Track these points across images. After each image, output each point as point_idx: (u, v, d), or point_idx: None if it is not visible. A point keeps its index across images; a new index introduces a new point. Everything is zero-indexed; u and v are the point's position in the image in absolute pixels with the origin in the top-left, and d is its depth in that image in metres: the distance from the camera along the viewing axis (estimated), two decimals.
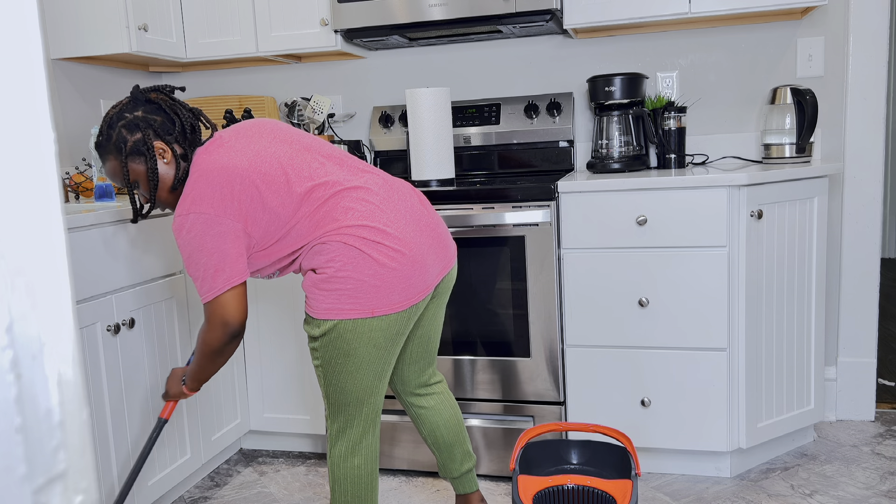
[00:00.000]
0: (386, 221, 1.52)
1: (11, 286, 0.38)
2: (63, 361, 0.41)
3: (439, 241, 1.63)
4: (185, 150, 1.61)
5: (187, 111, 1.64)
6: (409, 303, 1.55)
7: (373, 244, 1.49)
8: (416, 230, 1.57)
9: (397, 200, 1.58)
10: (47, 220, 0.40)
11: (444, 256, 1.65)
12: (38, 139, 0.40)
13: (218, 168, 1.51)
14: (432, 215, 1.66)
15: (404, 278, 1.52)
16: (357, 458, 1.65)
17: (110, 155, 1.59)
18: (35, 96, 0.40)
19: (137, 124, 1.56)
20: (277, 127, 1.64)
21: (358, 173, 1.59)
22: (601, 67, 2.79)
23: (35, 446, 0.39)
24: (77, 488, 0.42)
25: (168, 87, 1.65)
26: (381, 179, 1.60)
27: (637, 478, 1.79)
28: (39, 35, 0.40)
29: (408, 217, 1.57)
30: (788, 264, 2.32)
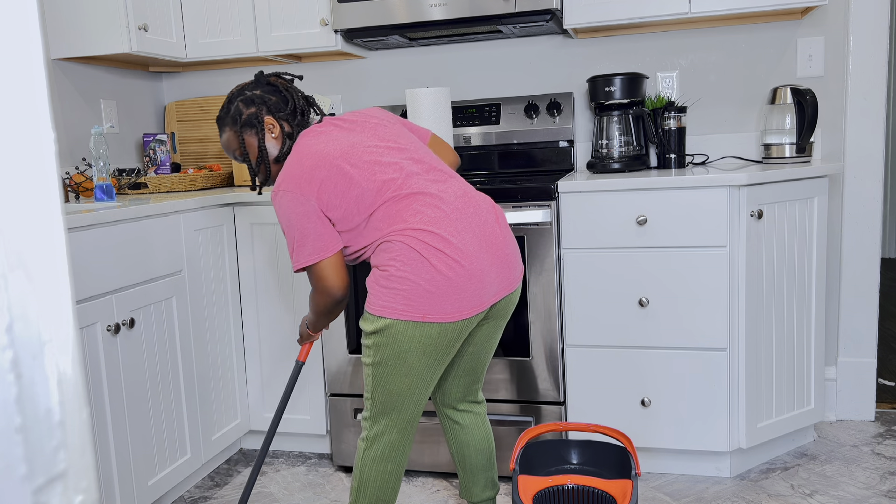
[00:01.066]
0: (451, 231, 1.54)
1: (11, 286, 0.38)
2: (63, 361, 0.41)
3: (504, 261, 1.61)
4: (293, 130, 1.73)
5: (301, 97, 1.76)
6: (461, 315, 1.54)
7: (433, 250, 1.51)
8: (481, 246, 1.56)
9: (470, 214, 1.59)
10: (47, 220, 0.40)
11: (507, 278, 1.62)
12: (38, 139, 0.40)
13: (312, 152, 1.60)
14: (504, 235, 1.64)
15: (458, 289, 1.52)
16: (390, 463, 1.66)
17: (227, 126, 1.74)
18: (35, 96, 0.40)
19: (253, 100, 1.72)
20: (382, 123, 1.70)
21: (440, 180, 1.62)
22: (601, 67, 2.79)
23: (35, 446, 0.39)
24: (77, 488, 0.42)
25: (289, 74, 1.81)
26: (460, 190, 1.62)
27: (637, 478, 1.79)
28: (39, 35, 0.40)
29: (476, 231, 1.57)
30: (788, 264, 2.32)
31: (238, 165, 2.85)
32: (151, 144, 2.85)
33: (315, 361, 2.54)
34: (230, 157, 1.79)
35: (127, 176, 2.80)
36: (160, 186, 2.73)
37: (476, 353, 1.77)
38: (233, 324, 2.57)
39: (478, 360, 1.78)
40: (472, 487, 1.89)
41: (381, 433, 1.64)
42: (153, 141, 2.85)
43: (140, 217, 2.12)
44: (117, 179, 2.77)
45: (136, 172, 2.88)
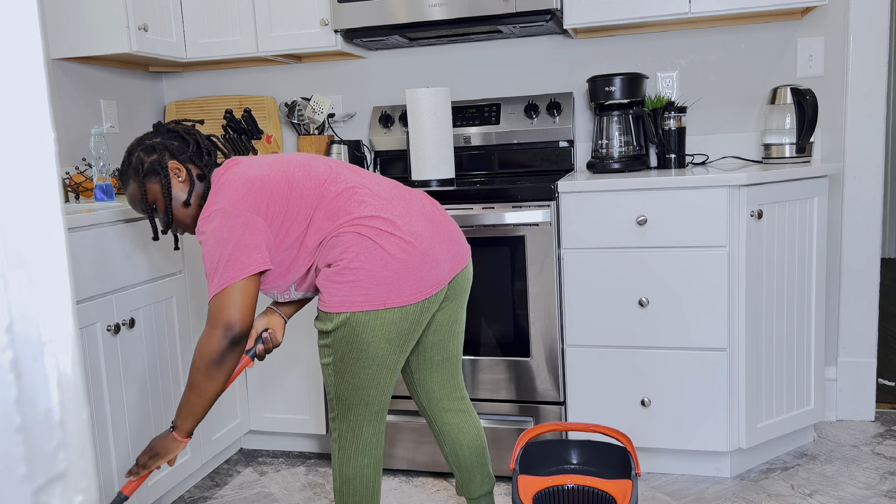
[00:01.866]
0: (397, 214, 1.56)
1: (11, 286, 0.38)
2: (63, 361, 0.41)
3: (450, 238, 1.65)
4: (202, 171, 1.68)
5: (204, 137, 1.72)
6: (421, 296, 1.55)
7: (385, 234, 1.52)
8: (427, 226, 1.60)
9: (408, 200, 1.63)
10: (47, 220, 0.40)
11: (457, 254, 1.66)
12: (38, 139, 0.40)
13: (239, 176, 1.57)
14: (443, 215, 1.69)
15: (415, 270, 1.53)
16: (366, 457, 1.65)
17: (130, 179, 1.67)
18: (35, 96, 0.40)
19: (154, 147, 1.66)
20: (289, 155, 1.72)
21: (371, 177, 1.65)
22: (601, 67, 2.79)
23: (35, 446, 0.39)
24: (77, 488, 0.42)
25: (188, 120, 1.76)
26: (391, 182, 1.67)
27: (637, 478, 1.79)
28: (39, 35, 0.40)
29: (418, 213, 1.60)
30: (788, 264, 2.32)
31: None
32: None
33: (315, 361, 2.53)
34: (137, 210, 1.71)
35: None
36: None
37: (444, 340, 1.76)
38: None
39: (448, 348, 1.77)
40: (468, 485, 1.89)
41: (352, 429, 1.63)
42: None
43: (140, 217, 2.12)
44: (117, 179, 2.77)
45: None
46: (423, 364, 1.78)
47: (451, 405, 1.84)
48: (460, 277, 1.71)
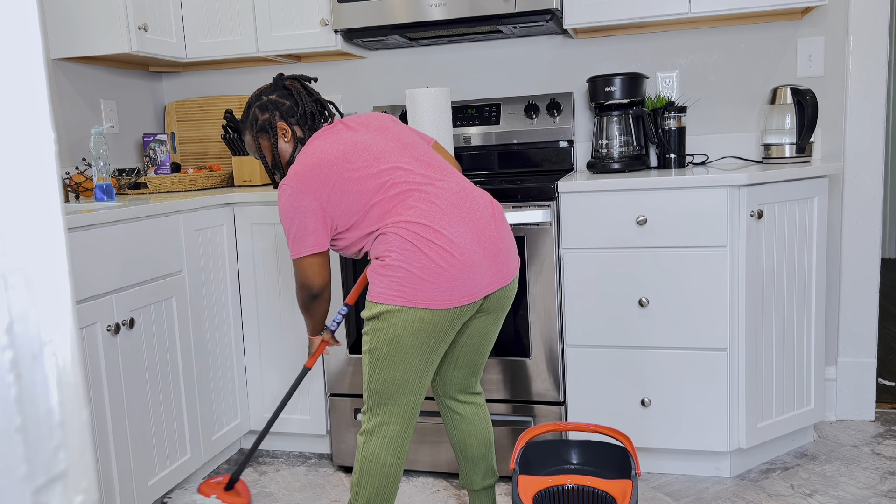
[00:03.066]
0: (444, 224, 1.60)
1: (11, 286, 0.38)
2: (63, 361, 0.41)
3: (497, 254, 1.66)
4: (304, 134, 1.83)
5: (312, 100, 1.84)
6: (452, 303, 1.59)
7: (425, 241, 1.58)
8: (474, 239, 1.62)
9: (465, 209, 1.64)
10: (47, 220, 0.40)
11: (501, 271, 1.67)
12: (38, 139, 0.40)
13: (317, 152, 1.69)
14: (499, 229, 1.69)
15: (451, 278, 1.58)
16: (391, 456, 1.69)
17: (246, 129, 1.86)
18: (35, 96, 0.40)
19: (267, 106, 1.82)
20: (386, 126, 1.76)
21: (438, 177, 1.68)
22: (601, 67, 2.79)
23: (35, 446, 0.39)
24: (77, 488, 0.42)
25: (304, 76, 1.89)
26: (457, 186, 1.68)
27: (637, 478, 1.79)
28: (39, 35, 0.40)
29: (470, 225, 1.62)
30: (788, 264, 2.32)
31: (237, 165, 2.85)
32: (151, 144, 2.85)
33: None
34: (254, 157, 1.90)
35: (127, 176, 2.80)
36: (160, 186, 2.73)
37: (474, 345, 1.80)
38: (233, 324, 2.57)
39: (476, 352, 1.81)
40: (472, 476, 1.92)
41: (380, 425, 1.67)
42: (153, 141, 2.85)
43: (140, 217, 2.12)
44: (117, 179, 2.77)
45: (136, 172, 2.88)
46: (449, 358, 1.83)
47: (466, 398, 1.88)
48: (500, 293, 1.71)
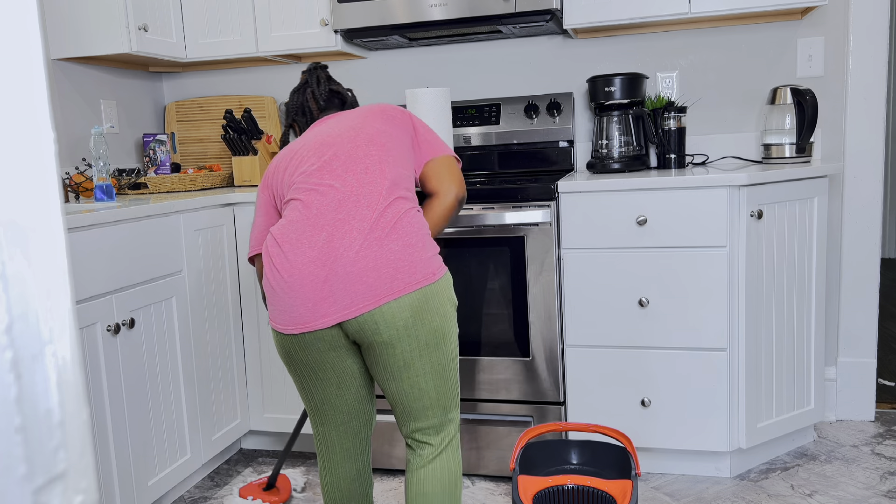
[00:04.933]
0: (294, 240, 1.46)
1: (11, 286, 0.38)
2: (63, 361, 0.41)
3: (345, 282, 1.41)
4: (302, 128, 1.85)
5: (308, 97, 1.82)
6: (287, 329, 1.46)
7: (269, 258, 1.50)
8: (319, 261, 1.42)
9: (329, 222, 1.45)
10: (47, 220, 0.40)
11: (343, 302, 1.41)
12: (38, 139, 0.40)
13: (287, 146, 1.69)
14: (360, 254, 1.41)
15: (279, 302, 1.46)
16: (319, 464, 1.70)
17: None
18: (35, 96, 0.40)
19: (289, 107, 1.86)
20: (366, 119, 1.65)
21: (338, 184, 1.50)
22: (601, 67, 2.79)
23: (35, 446, 0.39)
24: (77, 488, 0.42)
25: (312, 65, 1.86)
26: (345, 195, 1.48)
27: (637, 478, 1.79)
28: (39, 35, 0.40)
29: (323, 245, 1.43)
30: (788, 264, 2.32)
31: (237, 165, 2.85)
32: (151, 144, 2.85)
33: None
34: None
35: (127, 176, 2.80)
36: (160, 186, 2.73)
37: (385, 386, 1.55)
38: (233, 324, 2.57)
39: (398, 394, 1.54)
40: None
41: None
42: (153, 141, 2.85)
43: (140, 217, 2.12)
44: (117, 179, 2.77)
45: (136, 172, 2.88)
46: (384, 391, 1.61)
47: (414, 444, 1.62)
48: (363, 327, 1.44)
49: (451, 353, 1.52)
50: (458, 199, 1.68)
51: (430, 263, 1.47)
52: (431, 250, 1.49)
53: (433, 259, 1.48)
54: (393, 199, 1.49)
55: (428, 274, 1.45)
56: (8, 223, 0.38)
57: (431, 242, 1.51)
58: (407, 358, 1.47)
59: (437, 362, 1.50)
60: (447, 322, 1.49)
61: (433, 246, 1.51)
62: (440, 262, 1.50)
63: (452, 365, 1.54)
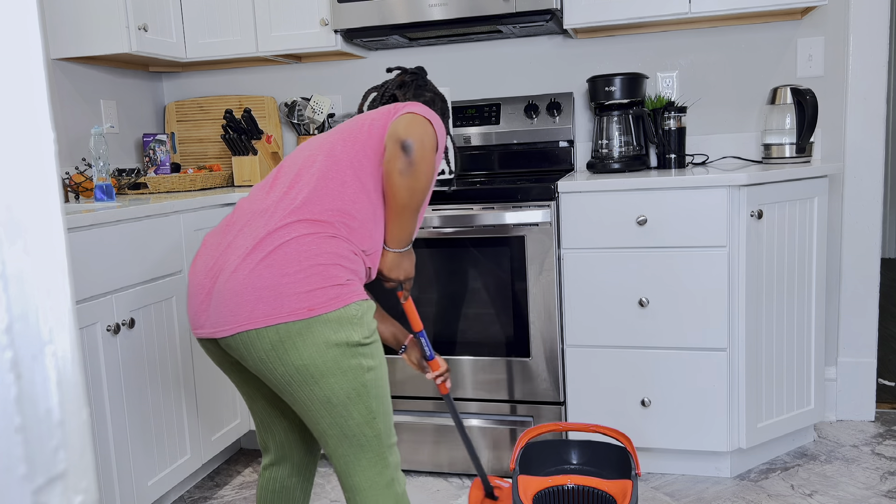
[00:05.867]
0: (205, 244, 1.43)
1: (11, 286, 0.38)
2: (63, 361, 0.41)
3: (217, 299, 1.34)
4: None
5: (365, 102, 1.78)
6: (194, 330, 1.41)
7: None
8: (210, 272, 1.37)
9: (233, 236, 1.39)
10: (47, 220, 0.40)
11: (213, 319, 1.34)
12: (38, 139, 0.40)
13: None
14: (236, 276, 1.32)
15: (188, 304, 1.43)
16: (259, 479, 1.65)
17: None
18: (35, 96, 0.40)
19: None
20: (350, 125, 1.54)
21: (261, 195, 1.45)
22: (601, 67, 2.79)
23: (35, 446, 0.39)
24: (77, 488, 0.42)
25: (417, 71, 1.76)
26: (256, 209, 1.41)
27: (637, 478, 1.79)
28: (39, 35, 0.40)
29: (218, 256, 1.37)
30: (788, 264, 2.32)
31: (237, 165, 2.85)
32: (151, 144, 2.85)
33: None
34: None
35: (127, 176, 2.80)
36: (160, 186, 2.73)
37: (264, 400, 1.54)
38: None
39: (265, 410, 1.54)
40: None
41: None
42: (153, 141, 2.85)
43: (140, 217, 2.12)
44: (117, 179, 2.77)
45: (136, 172, 2.88)
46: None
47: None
48: (233, 351, 1.36)
49: (336, 393, 1.34)
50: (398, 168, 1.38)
51: (305, 299, 1.30)
52: (315, 284, 1.31)
53: (311, 294, 1.30)
54: (292, 221, 1.35)
55: (296, 310, 1.29)
56: (8, 223, 0.38)
57: (320, 275, 1.32)
58: (281, 389, 1.37)
59: (318, 399, 1.35)
60: (320, 362, 1.31)
61: (323, 278, 1.32)
62: (326, 298, 1.31)
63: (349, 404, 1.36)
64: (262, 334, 1.30)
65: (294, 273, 1.31)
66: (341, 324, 1.32)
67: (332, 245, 1.36)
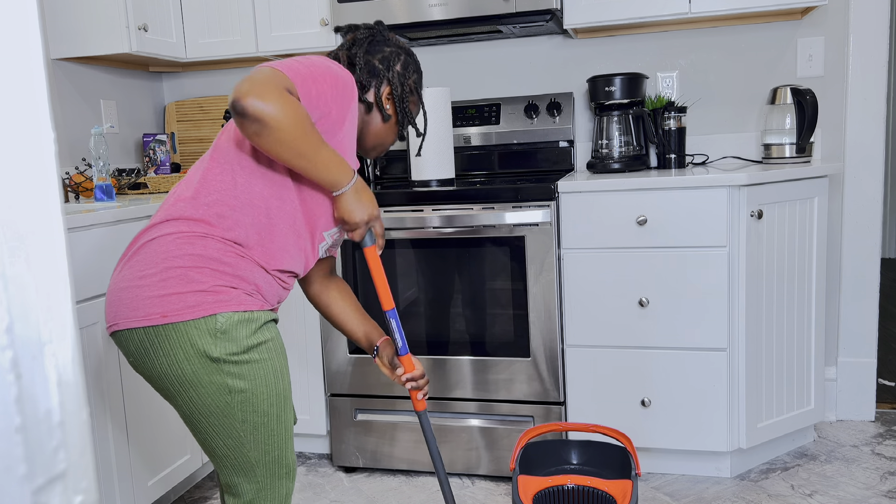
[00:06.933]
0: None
1: (11, 286, 0.38)
2: (63, 361, 0.41)
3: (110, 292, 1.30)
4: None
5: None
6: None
7: None
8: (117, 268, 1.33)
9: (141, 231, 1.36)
10: (47, 220, 0.40)
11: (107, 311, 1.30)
12: (38, 139, 0.40)
13: None
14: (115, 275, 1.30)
15: None
16: None
17: None
18: (35, 96, 0.40)
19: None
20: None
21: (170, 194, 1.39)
22: (601, 67, 2.79)
23: (35, 446, 0.39)
24: (77, 488, 0.42)
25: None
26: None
27: (637, 478, 1.79)
28: (39, 35, 0.40)
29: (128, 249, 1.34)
30: (788, 264, 2.32)
31: None
32: (151, 144, 2.85)
33: (315, 361, 2.53)
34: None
35: (127, 176, 2.80)
36: (160, 186, 2.73)
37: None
38: None
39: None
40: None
41: None
42: (153, 141, 2.85)
43: (140, 217, 2.12)
44: (117, 179, 2.77)
45: (136, 172, 2.88)
46: None
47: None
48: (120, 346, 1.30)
49: (198, 408, 1.25)
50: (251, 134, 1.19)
51: (158, 303, 1.22)
52: (171, 288, 1.23)
53: (165, 299, 1.22)
54: (163, 220, 1.29)
55: (150, 314, 1.22)
56: (8, 223, 0.38)
57: (179, 278, 1.23)
58: (162, 395, 1.30)
59: (183, 412, 1.27)
60: (179, 372, 1.23)
61: (181, 283, 1.23)
62: (183, 305, 1.22)
63: (211, 422, 1.26)
64: (126, 336, 1.25)
65: (151, 275, 1.24)
66: (200, 335, 1.22)
67: (200, 246, 1.25)
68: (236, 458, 1.28)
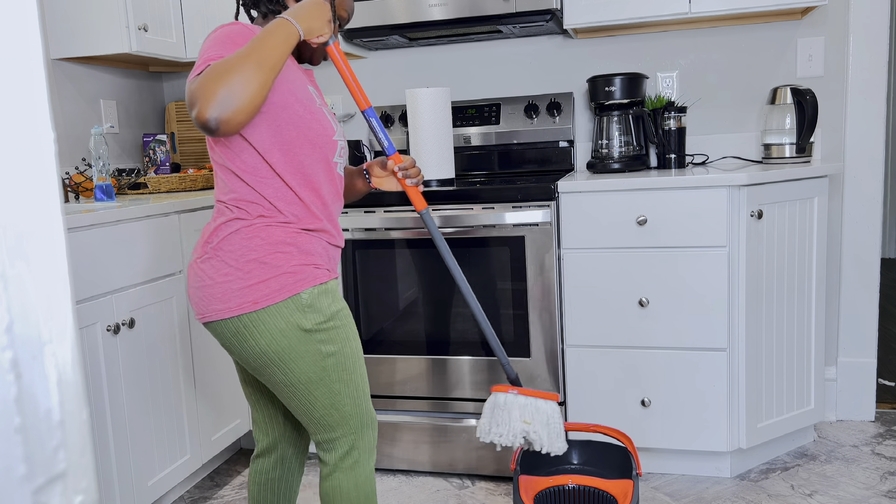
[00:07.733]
0: None
1: (11, 286, 0.38)
2: (63, 361, 0.41)
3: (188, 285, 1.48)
4: None
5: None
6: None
7: None
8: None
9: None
10: (47, 221, 0.40)
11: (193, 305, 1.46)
12: (38, 139, 0.40)
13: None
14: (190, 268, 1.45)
15: None
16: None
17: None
18: (35, 96, 0.40)
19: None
20: None
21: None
22: (601, 67, 2.79)
23: (35, 446, 0.39)
24: (77, 488, 0.42)
25: None
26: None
27: (638, 478, 1.79)
28: (39, 35, 0.40)
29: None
30: (788, 264, 2.32)
31: None
32: (151, 144, 2.85)
33: None
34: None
35: (127, 176, 2.80)
36: (160, 186, 2.73)
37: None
38: None
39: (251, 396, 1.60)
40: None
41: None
42: (153, 141, 2.85)
43: (140, 217, 2.12)
44: (117, 179, 2.77)
45: (136, 172, 2.88)
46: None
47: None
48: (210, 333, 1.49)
49: (298, 376, 1.40)
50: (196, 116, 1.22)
51: (251, 292, 1.35)
52: (256, 277, 1.36)
53: (254, 288, 1.35)
54: (218, 209, 1.43)
55: (243, 304, 1.36)
56: (8, 223, 0.38)
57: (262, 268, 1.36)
58: (254, 372, 1.44)
59: (283, 382, 1.41)
60: (278, 348, 1.37)
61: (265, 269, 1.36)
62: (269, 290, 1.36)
63: (311, 387, 1.41)
64: (222, 325, 1.39)
65: (234, 269, 1.37)
66: (291, 312, 1.37)
67: (266, 235, 1.38)
68: (332, 415, 1.44)
